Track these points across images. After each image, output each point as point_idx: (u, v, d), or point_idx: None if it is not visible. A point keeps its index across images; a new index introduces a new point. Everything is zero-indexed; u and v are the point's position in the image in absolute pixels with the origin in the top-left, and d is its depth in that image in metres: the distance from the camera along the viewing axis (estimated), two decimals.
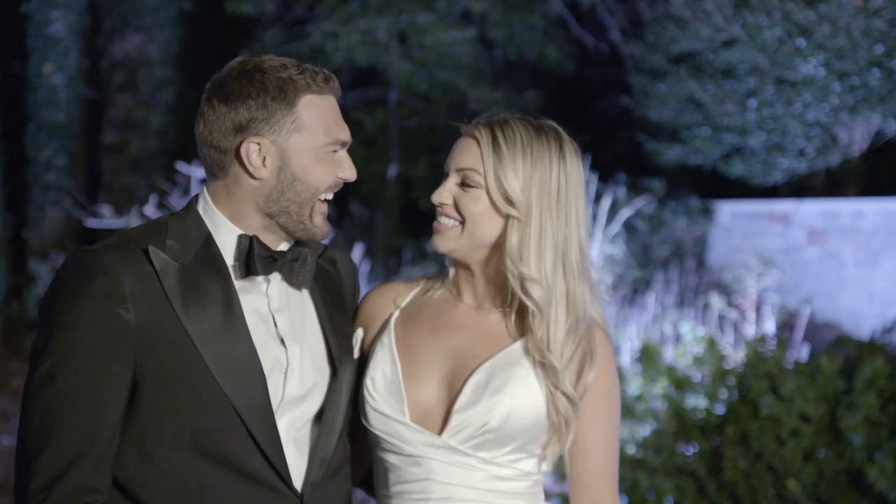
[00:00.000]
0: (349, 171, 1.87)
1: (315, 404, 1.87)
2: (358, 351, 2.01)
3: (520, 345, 1.92)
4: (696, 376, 5.15)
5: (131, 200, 10.55)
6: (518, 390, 1.88)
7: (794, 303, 9.06)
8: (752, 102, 10.18)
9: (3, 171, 11.18)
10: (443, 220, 1.94)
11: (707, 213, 10.84)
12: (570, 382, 1.91)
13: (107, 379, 1.72)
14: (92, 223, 8.85)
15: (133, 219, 8.19)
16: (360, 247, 7.83)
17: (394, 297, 2.06)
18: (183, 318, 1.75)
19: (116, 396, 1.73)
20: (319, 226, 1.87)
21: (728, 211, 10.84)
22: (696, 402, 4.95)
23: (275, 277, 1.87)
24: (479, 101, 11.36)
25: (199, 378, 1.74)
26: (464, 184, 1.92)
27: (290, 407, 1.83)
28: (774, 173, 10.67)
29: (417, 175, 11.90)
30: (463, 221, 1.92)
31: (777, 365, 4.67)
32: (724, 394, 4.84)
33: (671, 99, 10.75)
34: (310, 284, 1.91)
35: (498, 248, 1.92)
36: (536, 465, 1.94)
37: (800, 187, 11.35)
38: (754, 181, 10.90)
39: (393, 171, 11.81)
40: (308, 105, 1.82)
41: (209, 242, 1.84)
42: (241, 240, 1.83)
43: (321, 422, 1.86)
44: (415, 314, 2.01)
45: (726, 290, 8.94)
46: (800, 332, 7.09)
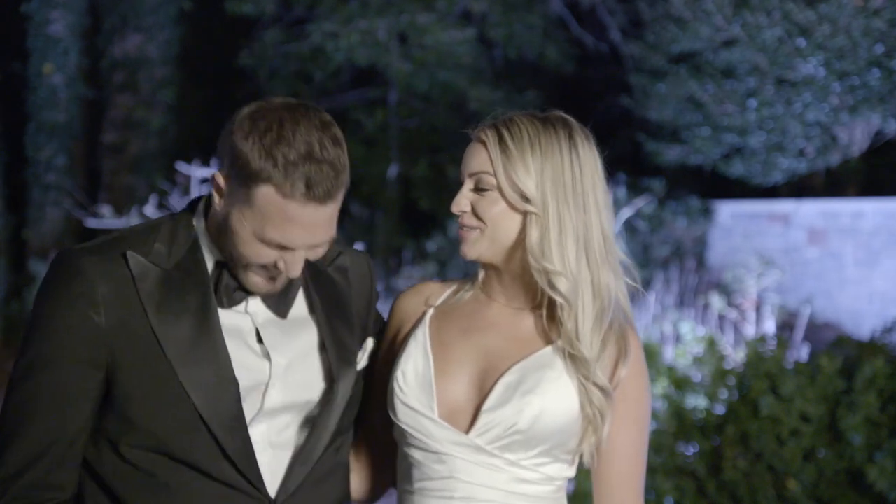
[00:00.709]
0: (289, 268, 1.75)
1: (302, 412, 1.85)
2: (367, 359, 1.99)
3: (552, 347, 1.91)
4: (696, 376, 5.15)
5: (131, 200, 10.55)
6: (549, 392, 1.87)
7: (794, 303, 9.06)
8: (752, 102, 10.18)
9: (3, 171, 11.18)
10: (465, 227, 1.93)
11: (707, 213, 10.85)
12: (605, 376, 1.90)
13: (76, 380, 1.73)
14: (92, 223, 8.85)
15: (133, 219, 8.19)
16: (359, 247, 7.83)
17: (427, 296, 2.05)
18: (156, 325, 1.74)
19: (85, 397, 1.74)
20: (256, 285, 1.78)
21: (728, 211, 10.84)
22: (696, 402, 4.95)
23: (254, 298, 1.83)
24: (479, 101, 11.36)
25: (167, 384, 1.74)
26: (478, 188, 1.91)
27: (271, 415, 1.81)
28: (774, 173, 10.68)
29: (417, 175, 11.91)
30: (484, 225, 1.91)
31: (777, 365, 4.67)
32: (724, 394, 4.85)
33: (671, 99, 10.76)
34: (287, 313, 1.85)
35: (521, 246, 1.91)
36: (561, 471, 1.93)
37: (800, 187, 11.35)
38: (754, 181, 10.90)
39: (393, 171, 11.81)
40: (266, 198, 1.69)
41: (195, 250, 1.82)
42: (216, 265, 1.80)
43: (312, 429, 1.84)
44: (448, 313, 2.00)
45: (726, 290, 8.94)
46: (800, 332, 7.09)
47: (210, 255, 1.82)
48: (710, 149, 10.75)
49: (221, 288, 1.80)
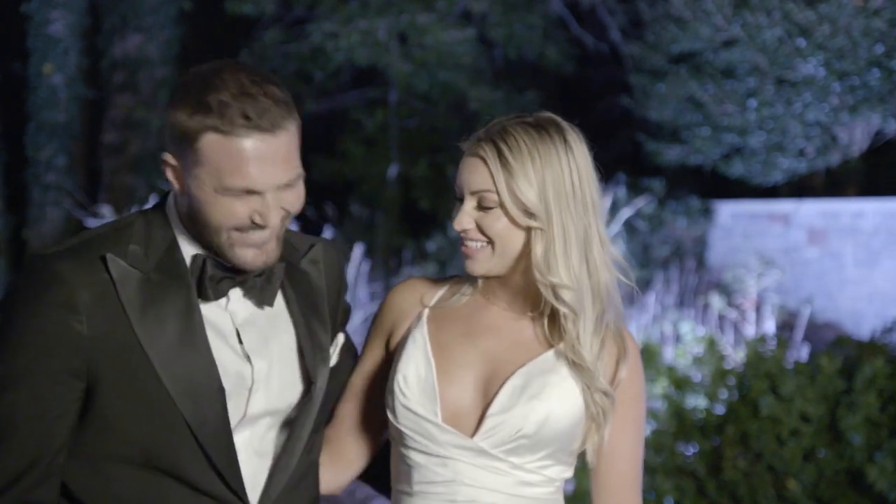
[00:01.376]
0: (262, 218, 1.67)
1: (282, 417, 1.81)
2: (338, 355, 1.97)
3: (554, 351, 1.91)
4: (696, 376, 5.15)
5: (131, 200, 10.55)
6: (553, 397, 1.87)
7: (794, 303, 9.06)
8: (752, 102, 10.18)
9: (3, 171, 11.18)
10: (470, 243, 1.90)
11: (707, 213, 10.84)
12: (606, 377, 1.90)
13: (57, 392, 1.66)
14: (92, 223, 8.85)
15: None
16: (360, 247, 7.82)
17: (421, 294, 2.02)
18: (139, 330, 1.67)
19: (66, 409, 1.67)
20: (248, 258, 1.70)
21: (728, 211, 10.84)
22: (696, 402, 4.95)
23: (236, 293, 1.77)
24: (479, 101, 11.36)
25: (153, 393, 1.68)
26: (481, 206, 1.89)
27: (253, 421, 1.77)
28: (774, 173, 10.67)
29: (417, 175, 11.90)
30: (491, 241, 1.88)
31: (777, 365, 4.67)
32: (724, 394, 4.84)
33: (671, 99, 10.75)
34: (272, 304, 1.79)
35: (525, 259, 1.89)
36: (561, 472, 1.94)
37: (800, 187, 11.35)
38: (754, 181, 10.90)
39: (393, 171, 11.81)
40: (210, 145, 1.64)
41: (173, 249, 1.74)
42: (195, 259, 1.73)
43: (289, 434, 1.80)
44: (446, 314, 1.98)
45: (726, 290, 8.94)
46: (800, 332, 7.09)
47: (189, 248, 1.74)
48: (710, 149, 10.75)
49: (206, 280, 1.72)
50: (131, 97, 11.57)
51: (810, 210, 10.22)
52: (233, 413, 1.74)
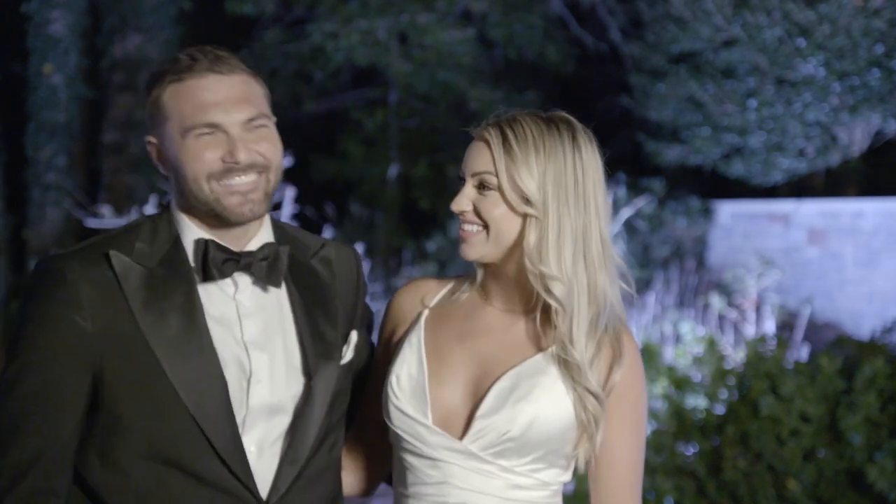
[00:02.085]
0: (231, 155, 1.76)
1: (287, 410, 1.83)
2: (352, 352, 1.98)
3: (547, 353, 1.90)
4: (696, 376, 5.15)
5: (131, 200, 10.55)
6: (542, 399, 1.86)
7: (794, 303, 9.06)
8: (752, 102, 10.18)
9: (3, 171, 11.17)
10: (466, 226, 1.91)
11: (707, 213, 10.84)
12: (598, 381, 1.88)
13: (64, 385, 1.72)
14: (92, 223, 8.85)
15: (133, 219, 8.19)
16: (360, 247, 7.83)
17: (423, 295, 2.03)
18: (143, 324, 1.73)
19: (74, 402, 1.73)
20: (234, 206, 1.77)
21: (728, 211, 10.84)
22: (696, 402, 4.95)
23: (244, 281, 1.82)
24: (479, 101, 11.35)
25: (158, 386, 1.72)
26: (480, 188, 1.89)
27: (263, 417, 1.80)
28: (774, 173, 10.67)
29: (417, 175, 11.90)
30: (486, 226, 1.89)
31: (777, 365, 4.67)
32: (724, 394, 4.85)
33: (671, 99, 10.75)
34: (280, 285, 1.84)
35: (519, 248, 1.89)
36: (556, 476, 1.92)
37: (800, 187, 11.35)
38: (754, 181, 10.90)
39: (393, 171, 11.80)
40: (171, 95, 1.78)
41: (177, 244, 1.81)
42: (197, 244, 1.80)
43: (296, 427, 1.82)
44: (444, 315, 1.98)
45: (726, 290, 8.94)
46: (800, 332, 7.09)
47: (192, 235, 1.81)
48: (710, 149, 10.75)
49: (210, 261, 1.78)
50: (131, 97, 11.56)
51: (810, 210, 10.22)
52: (236, 405, 1.77)
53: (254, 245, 1.84)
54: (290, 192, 7.15)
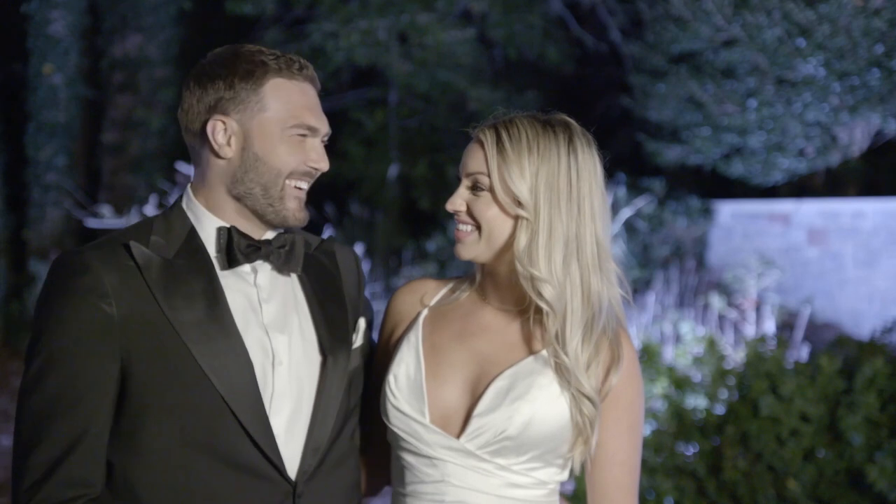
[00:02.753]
0: (318, 160, 1.86)
1: (307, 392, 1.86)
2: (361, 337, 1.99)
3: (544, 353, 1.90)
4: (696, 376, 5.15)
5: (131, 200, 10.55)
6: (539, 399, 1.86)
7: (794, 303, 9.06)
8: (752, 102, 10.18)
9: (3, 171, 11.18)
10: (460, 226, 1.93)
11: (707, 213, 10.84)
12: (595, 384, 1.88)
13: (94, 373, 1.73)
14: (92, 223, 8.85)
15: (133, 219, 8.20)
16: (360, 247, 7.83)
17: (422, 295, 2.04)
18: (167, 310, 1.75)
19: (104, 390, 1.74)
20: (292, 210, 1.85)
21: (728, 211, 10.84)
22: (696, 402, 4.95)
23: (263, 267, 1.86)
24: (479, 101, 11.35)
25: (186, 370, 1.74)
26: (474, 188, 1.90)
27: (286, 398, 1.83)
28: (774, 173, 10.67)
29: (417, 175, 11.89)
30: (479, 227, 1.90)
31: (777, 365, 4.67)
32: (724, 394, 4.84)
33: (671, 99, 10.75)
34: (299, 270, 1.90)
35: (510, 248, 1.90)
36: (553, 475, 1.92)
37: (800, 187, 11.35)
38: (754, 181, 10.90)
39: (393, 171, 11.80)
40: (276, 87, 1.83)
41: (192, 236, 1.84)
42: (220, 232, 1.84)
43: (316, 408, 1.85)
44: (443, 315, 1.99)
45: (726, 290, 8.94)
46: (800, 332, 7.09)
47: (212, 224, 1.85)
48: (710, 149, 10.75)
49: (234, 247, 1.82)
50: (131, 97, 11.57)
51: (810, 210, 10.22)
52: (262, 387, 1.80)
53: (269, 235, 1.90)
54: None
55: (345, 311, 1.97)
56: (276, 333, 1.84)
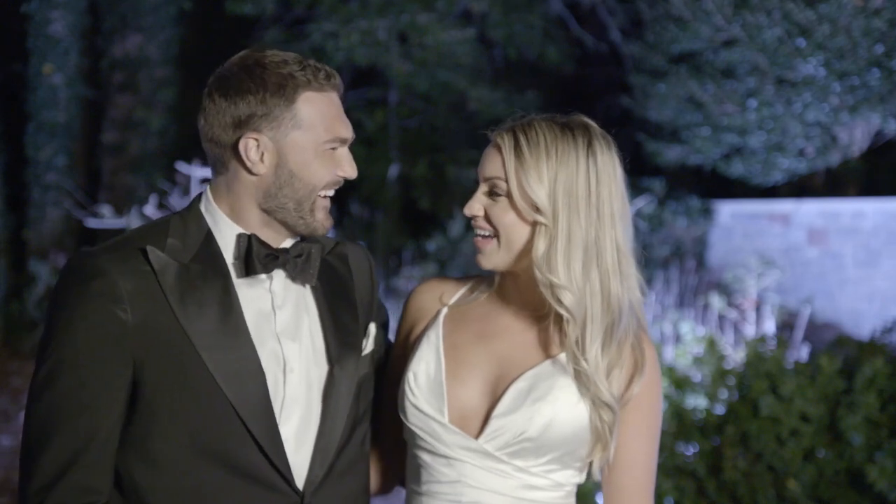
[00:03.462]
0: (349, 169, 1.84)
1: (316, 399, 1.85)
2: (372, 343, 1.97)
3: (563, 357, 1.88)
4: (696, 376, 5.15)
5: (131, 200, 10.55)
6: (559, 401, 1.84)
7: (794, 303, 9.06)
8: (752, 102, 10.18)
9: (3, 171, 11.17)
10: (479, 232, 1.90)
11: (707, 213, 10.84)
12: (617, 391, 1.86)
13: (105, 379, 1.71)
14: (92, 223, 8.85)
15: (133, 219, 8.19)
16: None
17: (441, 293, 2.02)
18: (181, 317, 1.73)
19: (115, 396, 1.72)
20: (321, 220, 1.84)
21: (728, 211, 10.84)
22: (696, 402, 4.95)
23: (278, 274, 1.84)
24: (479, 101, 11.35)
25: (198, 378, 1.73)
26: (492, 193, 1.88)
27: (296, 406, 1.82)
28: (774, 173, 10.67)
29: (417, 175, 11.89)
30: (497, 233, 1.87)
31: (777, 365, 4.67)
32: (724, 394, 4.84)
33: (671, 99, 10.75)
34: (314, 282, 1.87)
35: (529, 254, 1.87)
36: (571, 477, 1.91)
37: (800, 187, 11.35)
38: (754, 181, 10.90)
39: (393, 171, 11.80)
40: (307, 101, 1.79)
41: (209, 240, 1.82)
42: (239, 238, 1.81)
43: (325, 416, 1.84)
44: (462, 314, 1.98)
45: (726, 290, 8.94)
46: (800, 332, 7.09)
47: (230, 232, 1.83)
48: (710, 149, 10.75)
49: (253, 255, 1.80)
50: (131, 97, 11.57)
51: (810, 210, 10.22)
52: (273, 396, 1.78)
53: (286, 243, 1.89)
54: None
55: (356, 318, 1.95)
56: (287, 341, 1.83)
